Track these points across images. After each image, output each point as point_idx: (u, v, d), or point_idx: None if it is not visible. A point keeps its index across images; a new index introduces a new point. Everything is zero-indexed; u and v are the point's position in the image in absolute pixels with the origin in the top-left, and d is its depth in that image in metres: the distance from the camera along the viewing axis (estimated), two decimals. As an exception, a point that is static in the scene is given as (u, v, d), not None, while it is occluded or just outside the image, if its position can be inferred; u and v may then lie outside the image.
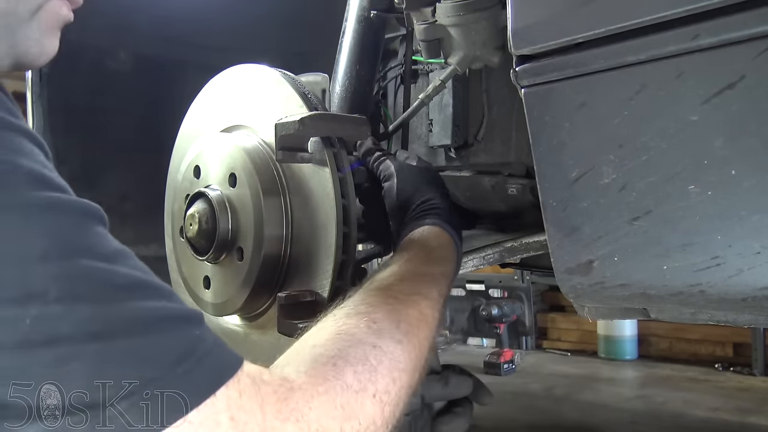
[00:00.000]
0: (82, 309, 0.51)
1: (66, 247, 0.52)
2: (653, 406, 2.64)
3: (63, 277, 0.51)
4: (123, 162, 2.08)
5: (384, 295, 0.85)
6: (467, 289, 4.10)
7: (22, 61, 0.73)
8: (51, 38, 0.74)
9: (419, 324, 0.83)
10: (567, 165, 0.90)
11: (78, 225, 0.55)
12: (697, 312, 1.03)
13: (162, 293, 0.58)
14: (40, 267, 0.50)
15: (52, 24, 0.74)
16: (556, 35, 0.84)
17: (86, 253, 0.54)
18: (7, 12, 0.68)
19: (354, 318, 0.79)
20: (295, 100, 1.16)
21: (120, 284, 0.55)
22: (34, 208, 0.52)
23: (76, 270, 0.52)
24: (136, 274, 0.57)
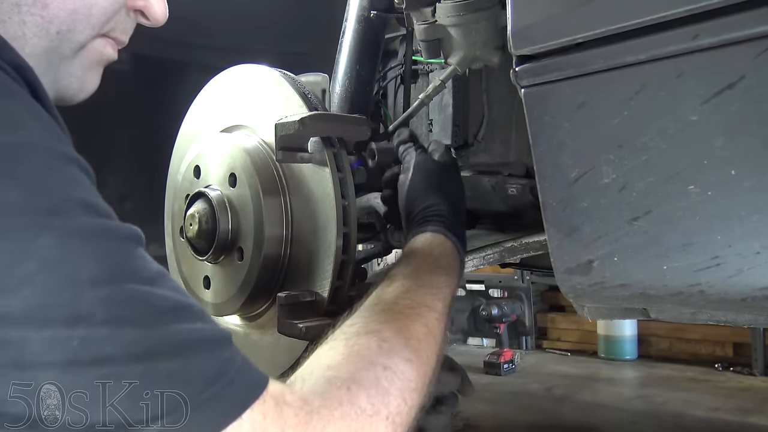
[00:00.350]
0: (127, 332, 0.54)
1: (113, 272, 0.55)
2: (653, 406, 2.64)
3: (110, 301, 0.54)
4: (123, 162, 2.08)
5: (391, 311, 0.87)
6: (467, 289, 4.10)
7: (62, 95, 0.75)
8: (92, 75, 0.77)
9: (427, 339, 0.84)
10: (567, 165, 0.90)
11: (124, 250, 0.58)
12: (697, 312, 1.03)
13: (197, 314, 0.61)
14: (89, 291, 0.53)
15: (95, 62, 0.76)
16: (556, 35, 0.84)
17: (131, 278, 0.56)
18: (51, 49, 0.70)
19: (364, 337, 0.80)
20: (295, 100, 1.16)
21: (161, 307, 0.57)
22: (86, 234, 0.55)
23: (122, 294, 0.55)
24: (174, 297, 0.59)
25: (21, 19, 0.67)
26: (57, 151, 0.57)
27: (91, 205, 0.57)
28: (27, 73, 0.60)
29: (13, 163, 0.53)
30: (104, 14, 0.72)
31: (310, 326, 1.05)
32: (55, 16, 0.68)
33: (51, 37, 0.69)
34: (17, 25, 0.67)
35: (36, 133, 0.56)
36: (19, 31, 0.67)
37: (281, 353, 1.21)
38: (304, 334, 1.05)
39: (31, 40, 0.68)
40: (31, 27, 0.67)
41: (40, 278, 0.51)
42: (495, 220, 1.58)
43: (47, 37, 0.69)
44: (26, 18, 0.67)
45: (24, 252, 0.51)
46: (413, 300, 0.89)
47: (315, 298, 1.10)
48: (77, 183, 0.58)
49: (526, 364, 3.47)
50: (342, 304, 1.11)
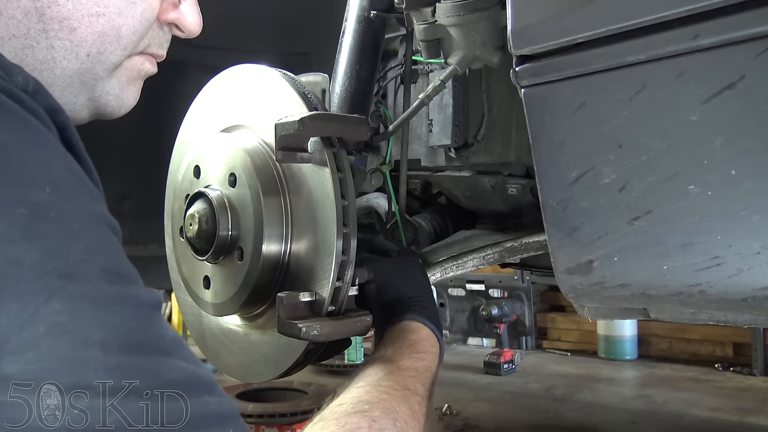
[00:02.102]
0: (131, 404, 0.52)
1: (124, 340, 0.54)
2: (653, 406, 2.64)
3: (117, 371, 0.52)
4: (123, 162, 2.08)
5: (378, 392, 0.90)
6: (467, 289, 4.10)
7: (101, 112, 0.76)
8: (131, 91, 0.77)
9: (412, 422, 0.87)
10: (567, 165, 0.90)
11: (140, 317, 0.56)
12: (697, 312, 1.03)
13: (206, 386, 0.60)
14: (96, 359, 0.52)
15: (133, 78, 0.76)
16: (556, 35, 0.84)
17: (143, 347, 0.55)
18: (83, 71, 0.70)
19: (355, 417, 0.83)
20: (295, 100, 1.16)
21: (170, 380, 0.56)
22: (100, 300, 0.54)
23: (130, 364, 0.54)
24: (186, 369, 0.58)
25: (49, 43, 0.67)
26: (85, 210, 0.57)
27: (112, 270, 0.56)
28: (59, 116, 0.60)
29: (36, 222, 0.52)
30: (134, 34, 0.72)
31: (310, 326, 1.05)
32: (83, 39, 0.68)
33: (81, 59, 0.69)
34: (46, 50, 0.67)
35: (65, 190, 0.55)
36: (48, 55, 0.67)
37: (281, 353, 1.20)
38: (304, 334, 1.05)
39: (61, 63, 0.68)
40: (60, 51, 0.68)
41: (46, 343, 0.50)
42: (495, 220, 1.58)
43: (77, 60, 0.69)
44: (54, 42, 0.67)
45: (33, 315, 0.50)
46: (397, 382, 0.92)
47: (315, 298, 1.10)
48: (101, 245, 0.57)
49: (526, 364, 3.47)
50: (342, 305, 1.11)
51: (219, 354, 1.37)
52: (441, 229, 1.60)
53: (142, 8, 0.72)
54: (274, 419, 2.16)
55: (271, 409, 2.22)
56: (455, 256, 1.45)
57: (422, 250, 1.52)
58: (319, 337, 1.06)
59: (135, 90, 0.78)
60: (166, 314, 4.77)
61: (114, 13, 0.70)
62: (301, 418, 2.18)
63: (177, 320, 4.53)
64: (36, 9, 0.66)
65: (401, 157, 1.41)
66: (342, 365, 3.24)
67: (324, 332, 1.06)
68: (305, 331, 1.04)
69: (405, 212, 1.44)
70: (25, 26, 0.66)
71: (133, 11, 0.71)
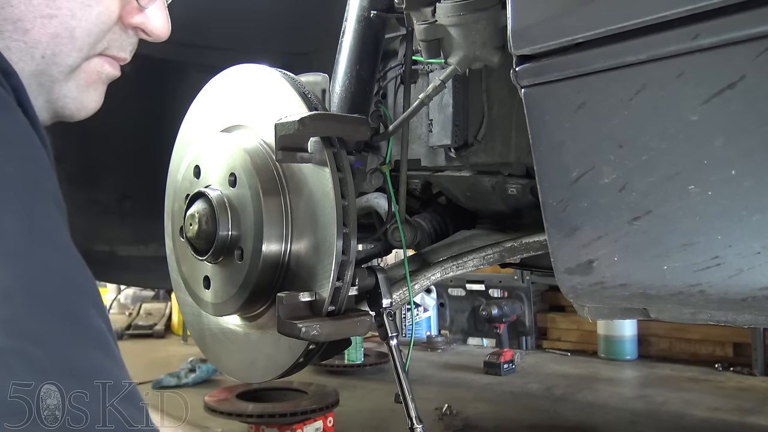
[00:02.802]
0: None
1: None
2: (653, 406, 2.64)
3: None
4: (123, 162, 2.08)
5: None
6: (467, 289, 4.09)
7: (60, 114, 0.75)
8: (92, 94, 0.76)
9: None
10: (567, 165, 0.90)
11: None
12: (697, 312, 1.03)
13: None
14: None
15: (93, 81, 0.75)
16: (556, 35, 0.84)
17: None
18: (39, 72, 0.70)
19: None
20: (295, 100, 1.16)
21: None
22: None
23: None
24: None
25: (5, 44, 0.67)
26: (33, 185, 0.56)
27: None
28: (13, 80, 0.60)
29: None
30: (89, 36, 0.71)
31: (310, 326, 1.05)
32: (37, 41, 0.68)
33: (36, 61, 0.69)
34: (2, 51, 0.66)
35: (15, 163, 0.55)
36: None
37: (281, 353, 1.20)
38: (304, 334, 1.05)
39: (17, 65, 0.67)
40: (15, 52, 0.68)
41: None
42: (495, 220, 1.58)
43: (33, 62, 0.69)
44: (9, 44, 0.67)
45: None
46: None
47: (315, 298, 1.10)
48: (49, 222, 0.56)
49: (526, 364, 3.47)
50: (342, 305, 1.11)
51: (219, 354, 1.37)
52: (441, 229, 1.60)
53: (98, 11, 0.71)
54: (274, 419, 2.16)
55: (271, 409, 2.21)
56: (455, 256, 1.45)
57: (422, 251, 1.52)
58: (319, 337, 1.06)
59: (96, 94, 0.77)
60: (165, 314, 4.77)
61: (67, 15, 0.69)
62: (301, 418, 2.18)
63: (177, 320, 4.53)
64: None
65: (401, 157, 1.40)
66: (342, 365, 3.24)
67: (324, 332, 1.06)
68: (305, 331, 1.04)
69: (405, 212, 1.44)
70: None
71: (87, 14, 0.70)
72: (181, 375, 3.07)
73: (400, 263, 1.40)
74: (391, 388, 1.23)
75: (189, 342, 4.07)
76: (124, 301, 5.57)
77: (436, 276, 1.42)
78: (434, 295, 4.13)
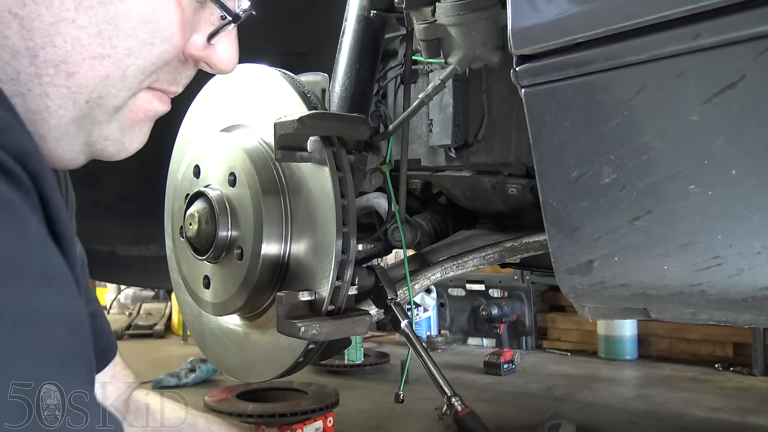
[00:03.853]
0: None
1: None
2: (653, 406, 2.64)
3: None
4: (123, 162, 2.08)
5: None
6: (467, 289, 4.09)
7: (99, 156, 0.66)
8: (135, 135, 0.67)
9: None
10: (567, 165, 0.90)
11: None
12: (698, 312, 1.03)
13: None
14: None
15: (138, 120, 0.66)
16: (556, 35, 0.84)
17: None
18: (81, 117, 0.61)
19: None
20: (295, 100, 1.16)
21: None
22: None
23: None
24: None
25: (43, 91, 0.58)
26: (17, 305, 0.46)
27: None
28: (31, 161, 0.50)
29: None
30: (143, 73, 0.62)
31: (309, 325, 1.05)
32: (83, 85, 0.59)
33: (80, 106, 0.60)
34: (39, 98, 0.58)
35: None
36: (41, 104, 0.58)
37: (281, 353, 1.20)
38: (303, 334, 1.04)
39: (57, 112, 0.59)
40: (56, 99, 0.58)
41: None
42: (495, 220, 1.58)
43: (75, 108, 0.60)
44: (49, 90, 0.58)
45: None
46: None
47: (314, 298, 1.10)
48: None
49: (526, 364, 3.47)
50: (341, 304, 1.11)
51: (219, 354, 1.37)
52: (441, 229, 1.60)
53: (161, 50, 0.62)
54: (274, 419, 2.16)
55: (271, 409, 2.21)
56: (455, 256, 1.45)
57: (422, 250, 1.52)
58: (318, 336, 1.06)
59: (141, 134, 0.68)
60: (165, 314, 4.77)
61: (122, 54, 0.59)
62: (301, 418, 2.17)
63: (177, 320, 4.53)
64: (27, 49, 0.56)
65: (401, 157, 1.40)
66: (342, 365, 3.24)
67: (323, 332, 1.06)
68: (304, 330, 1.04)
69: (405, 212, 1.44)
70: (13, 69, 0.56)
71: (147, 52, 0.61)
72: (181, 375, 3.07)
73: (400, 263, 1.40)
74: (391, 388, 1.23)
75: (189, 342, 4.07)
76: (124, 301, 5.57)
77: (436, 276, 1.42)
78: (434, 295, 4.13)
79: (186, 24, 0.63)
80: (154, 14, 0.60)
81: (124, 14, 0.59)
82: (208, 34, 0.67)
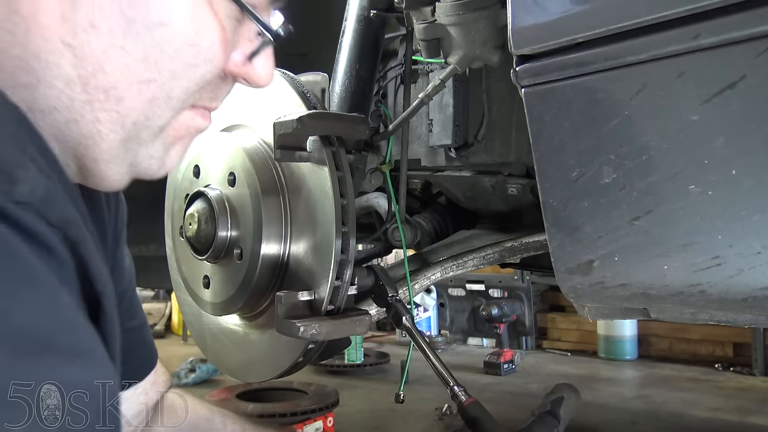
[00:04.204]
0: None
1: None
2: (653, 406, 2.64)
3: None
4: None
5: None
6: (467, 289, 4.09)
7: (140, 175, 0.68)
8: (176, 151, 0.70)
9: None
10: (567, 165, 0.90)
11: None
12: (698, 312, 1.03)
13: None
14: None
15: (180, 137, 0.69)
16: (556, 35, 0.84)
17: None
18: (128, 138, 0.63)
19: None
20: (294, 99, 1.16)
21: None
22: None
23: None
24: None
25: (95, 116, 0.60)
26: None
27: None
28: (72, 230, 0.52)
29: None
30: (187, 93, 0.65)
31: (309, 325, 1.05)
32: (131, 108, 0.61)
33: (127, 129, 0.62)
34: (91, 124, 0.60)
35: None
36: (93, 129, 0.61)
37: (280, 353, 1.20)
38: (303, 334, 1.04)
39: (108, 136, 0.61)
40: (107, 123, 0.61)
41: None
42: (495, 220, 1.58)
43: (123, 130, 0.62)
44: (100, 115, 0.60)
45: None
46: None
47: (314, 298, 1.10)
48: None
49: (526, 364, 3.47)
50: (341, 304, 1.11)
51: (219, 354, 1.37)
52: (441, 229, 1.60)
53: (204, 71, 0.64)
54: (274, 419, 2.16)
55: (271, 409, 2.21)
56: (455, 255, 1.45)
57: (422, 250, 1.52)
58: (318, 336, 1.06)
59: (181, 150, 0.70)
60: (165, 314, 4.77)
61: (167, 77, 0.62)
62: (301, 418, 2.17)
63: (177, 320, 4.53)
64: (79, 77, 0.58)
65: (401, 157, 1.40)
66: (342, 365, 3.24)
67: (323, 331, 1.06)
68: (304, 330, 1.04)
69: (405, 212, 1.44)
70: (67, 97, 0.59)
71: (191, 73, 0.63)
72: (181, 375, 3.07)
73: (400, 263, 1.40)
74: (391, 388, 1.23)
75: (189, 342, 4.07)
76: (124, 301, 5.57)
77: (436, 276, 1.42)
78: (434, 295, 4.13)
79: (227, 43, 0.65)
80: (196, 37, 0.62)
81: (169, 38, 0.60)
82: (249, 53, 0.69)
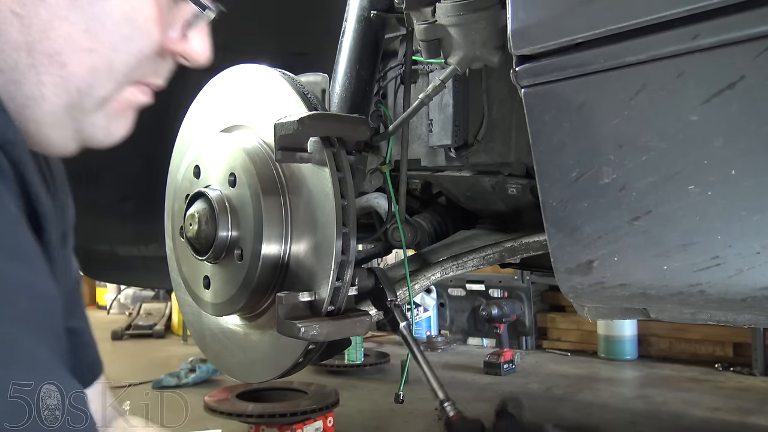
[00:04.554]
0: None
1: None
2: (653, 406, 2.64)
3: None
4: (123, 162, 2.08)
5: None
6: (467, 289, 4.10)
7: (88, 143, 0.73)
8: (120, 123, 0.74)
9: None
10: (567, 165, 0.90)
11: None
12: (697, 312, 1.03)
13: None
14: None
15: (123, 109, 0.73)
16: (556, 35, 0.84)
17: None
18: (72, 105, 0.67)
19: None
20: (295, 100, 1.16)
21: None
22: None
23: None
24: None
25: (39, 79, 0.65)
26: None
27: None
28: (15, 150, 0.58)
29: None
30: (127, 66, 0.69)
31: (309, 326, 1.05)
32: (73, 74, 0.66)
33: (71, 94, 0.67)
34: (35, 86, 0.65)
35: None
36: (36, 91, 0.65)
37: (281, 353, 1.20)
38: (303, 334, 1.05)
39: (51, 99, 0.66)
40: (50, 87, 0.65)
41: None
42: (495, 220, 1.58)
43: (67, 95, 0.67)
44: (44, 78, 0.65)
45: None
46: None
47: (314, 298, 1.10)
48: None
49: (526, 364, 3.47)
50: (341, 305, 1.11)
51: (219, 354, 1.37)
52: (441, 229, 1.60)
53: (141, 44, 0.69)
54: (274, 419, 2.16)
55: (271, 409, 2.21)
56: (455, 256, 1.45)
57: (422, 250, 1.52)
58: (318, 336, 1.06)
59: (125, 121, 0.75)
60: (165, 314, 4.78)
61: (107, 48, 0.67)
62: (301, 418, 2.18)
63: (177, 320, 4.53)
64: (26, 43, 0.64)
65: (401, 157, 1.41)
66: (342, 365, 3.24)
67: (323, 332, 1.06)
68: (304, 330, 1.04)
69: (405, 212, 1.44)
70: (13, 60, 0.63)
71: (129, 47, 0.68)
72: (181, 375, 3.07)
73: (400, 263, 1.40)
74: (391, 388, 1.23)
75: (189, 342, 4.07)
76: (124, 301, 5.58)
77: (436, 276, 1.42)
78: (434, 295, 4.13)
79: (162, 20, 0.70)
80: (133, 12, 0.67)
81: (108, 12, 0.66)
82: (183, 29, 0.73)
